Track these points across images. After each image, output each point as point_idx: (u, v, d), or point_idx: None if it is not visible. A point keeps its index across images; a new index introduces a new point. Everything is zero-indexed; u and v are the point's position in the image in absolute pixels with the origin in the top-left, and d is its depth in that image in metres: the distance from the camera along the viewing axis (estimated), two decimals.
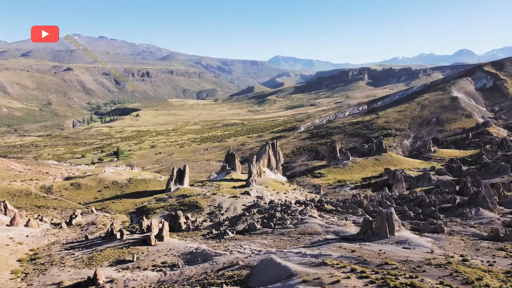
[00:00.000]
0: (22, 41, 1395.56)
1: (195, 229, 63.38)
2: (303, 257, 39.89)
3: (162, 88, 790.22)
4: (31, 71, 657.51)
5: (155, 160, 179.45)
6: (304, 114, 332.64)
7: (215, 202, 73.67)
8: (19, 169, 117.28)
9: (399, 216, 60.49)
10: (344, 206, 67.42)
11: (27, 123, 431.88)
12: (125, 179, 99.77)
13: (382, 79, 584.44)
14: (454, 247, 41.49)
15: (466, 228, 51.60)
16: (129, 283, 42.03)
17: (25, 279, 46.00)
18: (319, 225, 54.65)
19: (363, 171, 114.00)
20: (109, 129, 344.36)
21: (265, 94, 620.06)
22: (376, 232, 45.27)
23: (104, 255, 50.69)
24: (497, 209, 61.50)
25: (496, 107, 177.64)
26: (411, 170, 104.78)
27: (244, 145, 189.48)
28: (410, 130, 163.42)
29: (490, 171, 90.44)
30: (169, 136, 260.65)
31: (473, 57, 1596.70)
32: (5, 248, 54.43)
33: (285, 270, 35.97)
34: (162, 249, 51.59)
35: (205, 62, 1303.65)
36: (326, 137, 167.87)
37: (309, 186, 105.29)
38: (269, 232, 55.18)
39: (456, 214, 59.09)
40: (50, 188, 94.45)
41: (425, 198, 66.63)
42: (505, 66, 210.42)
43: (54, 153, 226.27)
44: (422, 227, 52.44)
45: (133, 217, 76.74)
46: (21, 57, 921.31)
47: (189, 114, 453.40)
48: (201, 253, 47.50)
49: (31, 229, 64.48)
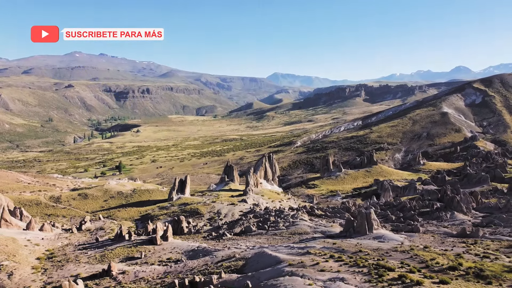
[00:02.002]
0: (23, 58, 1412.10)
1: (196, 232, 69.16)
2: (291, 249, 45.83)
3: (162, 105, 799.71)
4: (33, 88, 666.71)
5: (156, 174, 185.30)
6: (301, 129, 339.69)
7: (215, 208, 79.62)
8: (27, 181, 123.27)
9: (382, 220, 66.61)
10: (333, 212, 73.40)
11: (29, 139, 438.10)
12: (130, 190, 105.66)
13: (378, 95, 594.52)
14: (423, 241, 47.46)
15: (440, 228, 57.59)
16: (139, 274, 47.88)
17: (45, 273, 51.78)
18: (309, 227, 60.61)
19: (354, 182, 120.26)
20: (110, 145, 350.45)
21: (264, 110, 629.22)
22: (357, 230, 51.27)
23: (114, 253, 56.50)
24: (471, 213, 67.50)
25: (485, 122, 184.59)
26: (399, 181, 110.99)
27: (242, 159, 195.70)
28: (401, 144, 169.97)
29: (472, 181, 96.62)
30: (170, 151, 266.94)
31: (469, 74, 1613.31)
32: (24, 248, 60.28)
33: (275, 259, 41.85)
34: (167, 247, 57.40)
35: (204, 79, 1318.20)
36: (321, 151, 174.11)
37: (303, 196, 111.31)
38: (263, 233, 61.05)
39: (433, 217, 65.12)
40: (59, 198, 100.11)
41: (407, 204, 72.67)
42: (494, 83, 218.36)
43: (57, 167, 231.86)
44: (401, 228, 58.40)
45: (138, 223, 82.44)
46: (22, 74, 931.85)
47: (189, 130, 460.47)
48: (202, 250, 53.41)
49: (45, 233, 70.25)
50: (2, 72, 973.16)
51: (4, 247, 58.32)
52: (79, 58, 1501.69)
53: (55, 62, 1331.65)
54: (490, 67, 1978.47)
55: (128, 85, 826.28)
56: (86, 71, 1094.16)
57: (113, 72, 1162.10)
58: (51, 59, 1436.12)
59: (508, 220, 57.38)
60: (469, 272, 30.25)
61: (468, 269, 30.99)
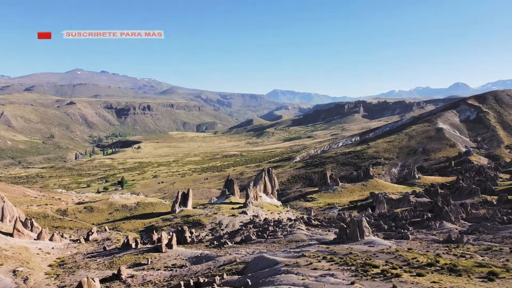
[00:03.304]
0: (25, 76, 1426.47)
1: (198, 242, 72.75)
2: (287, 253, 49.58)
3: (162, 121, 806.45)
4: (35, 105, 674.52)
5: (157, 189, 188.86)
6: (301, 145, 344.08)
7: (216, 220, 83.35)
8: (34, 195, 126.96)
9: (375, 229, 70.33)
10: (328, 222, 77.11)
11: (31, 156, 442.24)
12: (134, 203, 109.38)
13: (377, 111, 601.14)
14: (410, 246, 51.21)
15: (428, 236, 61.31)
16: (146, 277, 51.54)
17: (58, 278, 55.38)
18: (305, 235, 64.35)
19: (351, 195, 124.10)
20: (111, 161, 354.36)
21: (264, 127, 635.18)
22: (350, 236, 55.04)
23: (122, 260, 60.19)
24: (460, 223, 71.24)
25: (479, 138, 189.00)
26: (394, 194, 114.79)
27: (242, 174, 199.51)
28: (398, 159, 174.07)
29: (463, 193, 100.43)
30: (171, 167, 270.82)
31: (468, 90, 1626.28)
32: (36, 256, 63.97)
33: (272, 261, 45.56)
34: (172, 254, 61.07)
35: (204, 96, 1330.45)
36: (320, 166, 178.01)
37: (301, 208, 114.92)
38: (262, 241, 64.72)
39: (423, 226, 68.82)
40: (65, 211, 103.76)
41: (399, 214, 76.41)
42: (488, 100, 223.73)
43: (59, 183, 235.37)
44: (392, 236, 62.09)
45: (143, 234, 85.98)
46: (24, 91, 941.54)
47: (190, 146, 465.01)
48: (205, 256, 57.10)
49: (55, 243, 73.89)
50: (4, 89, 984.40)
51: (18, 255, 62.07)
52: (80, 75, 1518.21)
53: (57, 80, 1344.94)
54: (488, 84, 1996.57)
55: (129, 102, 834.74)
56: (88, 88, 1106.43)
57: (114, 89, 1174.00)
58: (53, 76, 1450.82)
59: (492, 228, 61.09)
60: (444, 267, 34.09)
61: (444, 265, 34.83)
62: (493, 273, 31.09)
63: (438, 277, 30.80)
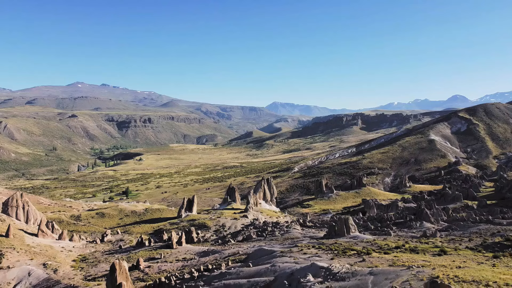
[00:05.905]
0: (27, 89, 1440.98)
1: (204, 241, 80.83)
2: (283, 246, 57.80)
3: (163, 134, 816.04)
4: (37, 118, 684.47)
5: (161, 198, 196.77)
6: (299, 157, 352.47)
7: (220, 222, 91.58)
8: (47, 202, 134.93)
9: (363, 229, 78.49)
10: (321, 223, 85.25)
11: (34, 168, 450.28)
12: (142, 209, 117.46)
13: (375, 124, 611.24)
14: (389, 239, 59.44)
15: (408, 233, 69.47)
16: (161, 267, 59.78)
17: (82, 270, 63.58)
18: (300, 233, 72.56)
19: (344, 202, 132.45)
20: (114, 172, 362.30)
21: (263, 139, 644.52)
22: (338, 233, 63.22)
23: (138, 255, 68.27)
24: (439, 224, 79.44)
25: (469, 149, 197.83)
26: (385, 201, 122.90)
27: (243, 184, 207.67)
28: (391, 169, 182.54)
29: (447, 199, 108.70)
30: (173, 178, 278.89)
31: (466, 103, 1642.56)
32: (61, 253, 72.18)
33: (270, 251, 53.72)
34: (182, 250, 69.24)
35: (205, 108, 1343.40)
36: (317, 176, 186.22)
37: (298, 214, 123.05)
38: (262, 239, 72.85)
39: (405, 226, 76.99)
40: (79, 216, 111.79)
41: (385, 216, 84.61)
42: (478, 112, 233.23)
43: (65, 193, 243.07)
44: (377, 234, 70.26)
45: (152, 236, 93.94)
46: (26, 104, 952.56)
47: (190, 158, 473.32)
48: (212, 250, 65.32)
49: (75, 242, 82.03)
50: (6, 102, 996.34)
51: (45, 252, 70.40)
52: (81, 88, 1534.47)
53: (58, 93, 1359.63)
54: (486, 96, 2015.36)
55: (130, 115, 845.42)
56: (89, 101, 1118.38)
57: (115, 102, 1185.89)
58: (54, 89, 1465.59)
59: (464, 226, 69.30)
60: (408, 249, 42.41)
61: (408, 248, 43.16)
62: (443, 251, 39.44)
63: (400, 255, 39.12)
